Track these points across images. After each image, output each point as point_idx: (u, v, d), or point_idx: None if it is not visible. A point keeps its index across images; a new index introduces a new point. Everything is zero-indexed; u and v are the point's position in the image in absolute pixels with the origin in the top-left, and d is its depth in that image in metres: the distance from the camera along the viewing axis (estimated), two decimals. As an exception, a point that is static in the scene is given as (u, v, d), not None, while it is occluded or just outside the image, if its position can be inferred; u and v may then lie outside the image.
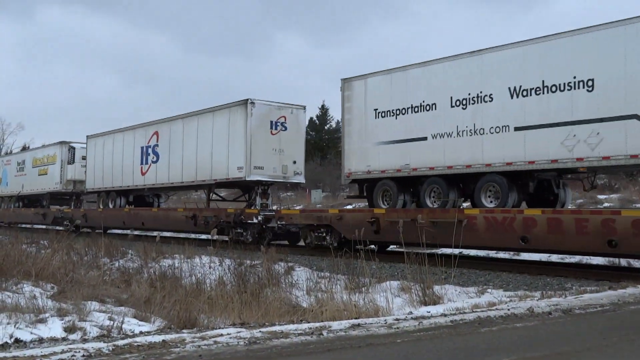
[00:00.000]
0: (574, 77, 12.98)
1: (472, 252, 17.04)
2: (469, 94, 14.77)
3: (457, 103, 15.00)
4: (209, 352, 5.42)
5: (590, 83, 12.77)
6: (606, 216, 12.28)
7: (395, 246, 17.50)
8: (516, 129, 13.85)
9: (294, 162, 21.25)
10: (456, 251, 12.92)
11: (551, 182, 14.98)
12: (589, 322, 7.28)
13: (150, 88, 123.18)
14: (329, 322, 7.21)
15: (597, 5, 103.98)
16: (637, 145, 12.04)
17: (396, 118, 16.29)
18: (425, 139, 15.57)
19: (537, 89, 13.57)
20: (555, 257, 15.96)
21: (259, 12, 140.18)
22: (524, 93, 13.78)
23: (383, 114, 16.63)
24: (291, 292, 11.91)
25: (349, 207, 23.21)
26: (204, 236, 21.08)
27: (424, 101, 15.67)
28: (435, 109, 15.42)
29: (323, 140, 63.61)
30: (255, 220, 20.00)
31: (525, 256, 16.45)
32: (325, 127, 65.04)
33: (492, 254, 17.31)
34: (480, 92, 14.57)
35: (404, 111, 16.15)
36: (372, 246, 16.14)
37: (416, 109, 15.84)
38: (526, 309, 7.81)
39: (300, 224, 18.86)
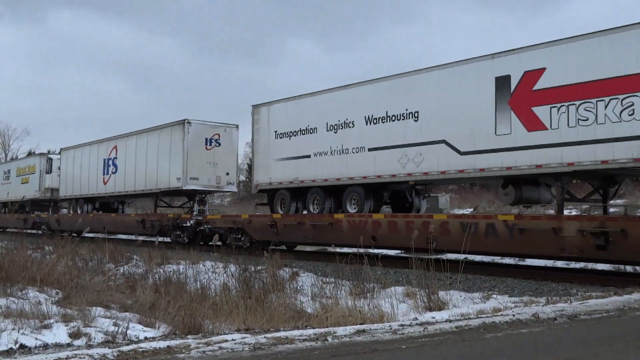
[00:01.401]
0: (406, 109, 15.96)
1: (477, 258, 17.01)
2: (339, 121, 17.81)
3: (331, 128, 18.10)
4: (214, 358, 5.42)
5: (416, 114, 15.78)
6: (424, 219, 15.26)
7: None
8: (369, 149, 16.86)
9: (227, 174, 24.34)
10: (461, 257, 12.91)
11: (405, 192, 18.03)
12: (594, 328, 7.24)
13: (160, 92, 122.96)
14: (334, 327, 7.19)
15: (606, 9, 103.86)
16: (445, 163, 14.99)
17: (290, 139, 19.39)
18: (309, 156, 18.65)
19: (383, 118, 16.56)
20: (560, 263, 15.91)
21: (270, 16, 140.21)
22: (375, 121, 16.78)
23: (281, 135, 19.73)
24: (296, 298, 11.92)
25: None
26: (154, 238, 23.50)
27: (308, 125, 18.77)
28: (316, 132, 18.50)
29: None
30: (188, 224, 23.25)
31: (530, 262, 16.41)
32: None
33: (497, 259, 17.28)
34: (346, 120, 17.61)
35: (295, 133, 19.23)
36: (283, 247, 19.85)
37: (303, 132, 18.93)
38: (531, 314, 7.78)
39: (222, 227, 21.83)
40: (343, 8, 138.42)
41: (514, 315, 7.75)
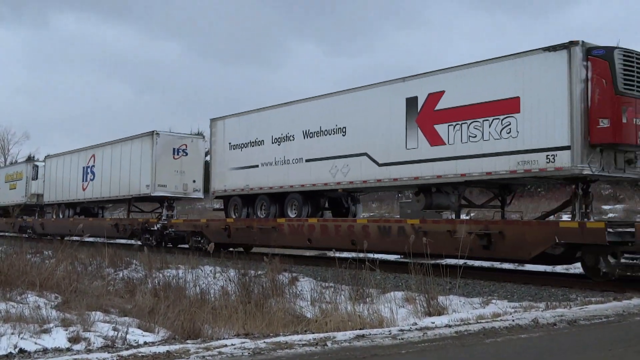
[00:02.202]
0: (336, 125, 17.70)
1: (477, 263, 17.01)
2: (282, 134, 19.54)
3: (275, 140, 19.81)
4: (213, 363, 5.42)
5: (344, 130, 17.49)
6: (349, 223, 17.24)
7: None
8: (306, 160, 18.56)
9: (194, 181, 26.08)
10: (460, 262, 12.93)
11: (342, 199, 19.76)
12: (594, 333, 7.25)
13: (164, 96, 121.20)
14: (334, 332, 7.20)
15: (609, 13, 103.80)
16: (366, 173, 16.69)
17: (241, 150, 21.14)
18: (257, 166, 20.37)
19: (318, 133, 18.26)
20: (559, 268, 15.91)
21: (273, 20, 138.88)
22: (311, 135, 18.49)
23: (234, 147, 21.49)
24: (295, 303, 11.88)
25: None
26: (123, 240, 26.44)
27: (257, 138, 20.54)
28: (263, 144, 20.26)
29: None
30: (155, 228, 24.87)
31: (530, 267, 16.39)
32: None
33: (497, 264, 17.26)
34: (288, 133, 19.31)
35: (246, 145, 21.02)
36: (240, 248, 21.37)
37: (253, 144, 20.71)
38: (531, 320, 7.78)
39: (185, 230, 23.44)
40: (346, 12, 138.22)
41: (513, 321, 7.75)
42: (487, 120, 14.00)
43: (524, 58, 13.48)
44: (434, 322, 8.17)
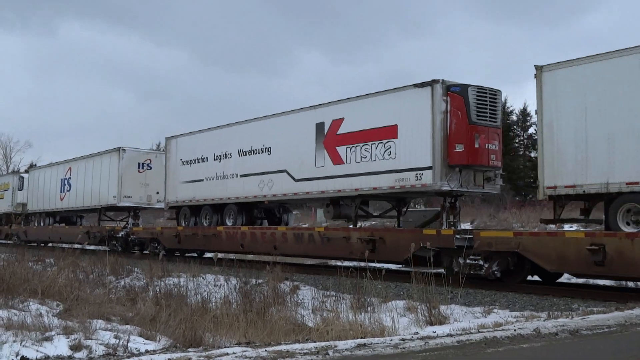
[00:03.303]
0: (263, 145, 20.09)
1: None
2: (221, 152, 21.96)
3: (216, 157, 22.22)
4: (215, 371, 5.42)
5: (269, 149, 19.87)
6: (272, 231, 19.74)
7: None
8: (241, 175, 20.96)
9: (157, 193, 28.04)
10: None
11: (274, 210, 22.35)
12: (596, 343, 7.23)
13: (168, 103, 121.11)
14: (335, 341, 7.19)
15: (620, 25, 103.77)
16: (286, 188, 19.00)
17: (190, 166, 23.59)
18: (202, 180, 22.78)
19: (249, 151, 20.72)
20: (561, 278, 15.86)
21: (278, 28, 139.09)
22: (244, 153, 20.92)
23: (184, 162, 23.97)
24: (297, 311, 11.88)
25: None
26: (88, 247, 27.85)
27: (202, 155, 22.97)
28: (207, 161, 22.67)
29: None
30: (120, 235, 27.64)
31: (530, 277, 16.33)
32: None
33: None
34: (226, 151, 21.74)
35: (193, 161, 23.46)
36: (194, 253, 24.20)
37: (199, 161, 23.14)
38: (533, 329, 7.77)
39: (144, 237, 25.94)
40: (351, 19, 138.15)
41: (515, 330, 7.73)
42: (374, 143, 16.37)
43: (401, 92, 15.84)
44: (435, 332, 8.16)
